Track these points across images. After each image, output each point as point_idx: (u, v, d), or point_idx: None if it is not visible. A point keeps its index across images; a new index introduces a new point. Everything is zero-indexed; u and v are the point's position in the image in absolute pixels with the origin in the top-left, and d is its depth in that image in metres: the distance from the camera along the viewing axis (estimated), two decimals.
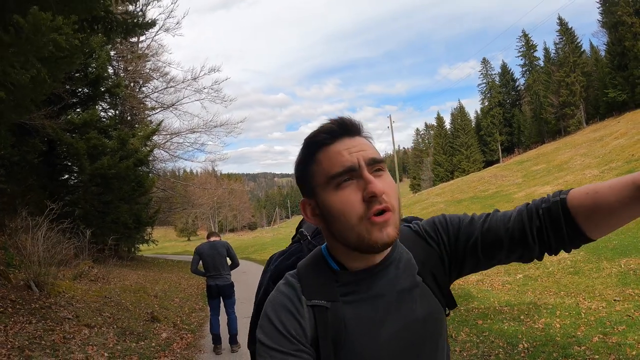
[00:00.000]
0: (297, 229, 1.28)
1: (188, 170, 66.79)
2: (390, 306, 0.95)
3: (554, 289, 8.48)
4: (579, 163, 29.44)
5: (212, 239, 6.55)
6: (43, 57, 4.99)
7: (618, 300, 6.84)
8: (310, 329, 0.91)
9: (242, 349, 6.13)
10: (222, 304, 6.35)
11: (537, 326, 6.16)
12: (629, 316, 5.88)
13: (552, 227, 0.90)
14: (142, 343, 5.87)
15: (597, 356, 4.65)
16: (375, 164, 0.90)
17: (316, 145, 0.93)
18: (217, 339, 6.14)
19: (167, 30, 19.24)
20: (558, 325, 6.05)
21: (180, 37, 20.03)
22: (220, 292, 6.28)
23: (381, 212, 0.86)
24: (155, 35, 19.40)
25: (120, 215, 14.10)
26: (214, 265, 6.25)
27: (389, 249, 0.96)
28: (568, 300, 7.40)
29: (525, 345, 5.30)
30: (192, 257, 6.52)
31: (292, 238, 1.29)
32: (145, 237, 20.61)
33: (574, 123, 52.46)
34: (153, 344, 5.95)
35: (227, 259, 6.44)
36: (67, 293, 6.83)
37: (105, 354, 4.92)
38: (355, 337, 0.92)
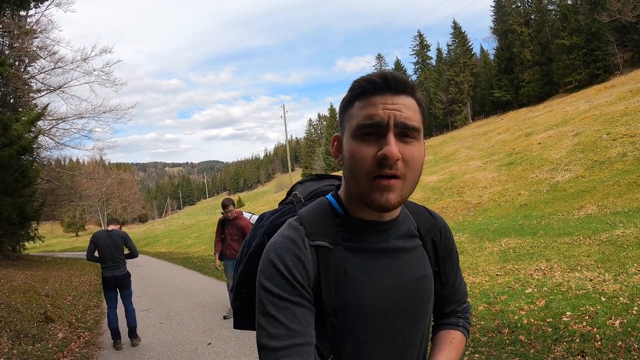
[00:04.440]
0: (289, 191, 1.27)
1: (75, 159, 62.00)
2: (390, 261, 0.99)
3: None
4: (464, 155, 31.80)
5: (111, 227, 6.25)
6: None
7: (500, 275, 7.66)
8: (313, 270, 0.92)
9: (142, 342, 6.02)
10: (119, 297, 6.12)
11: None
12: (510, 287, 6.64)
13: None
14: (39, 345, 5.53)
15: (482, 322, 5.20)
16: (406, 129, 0.89)
17: (358, 91, 0.93)
18: (116, 334, 5.90)
19: (58, 4, 17.58)
20: None
21: (72, 12, 18.32)
22: (117, 283, 6.02)
23: (388, 177, 0.88)
24: (45, 10, 17.65)
25: (3, 209, 12.79)
26: (110, 256, 5.99)
27: (398, 211, 1.01)
28: None
29: None
30: (80, 253, 6.19)
31: (281, 202, 1.26)
32: (31, 234, 18.87)
33: (460, 119, 57.66)
34: (50, 345, 5.62)
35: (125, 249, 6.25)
36: None
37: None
38: (355, 283, 0.94)
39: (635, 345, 3.83)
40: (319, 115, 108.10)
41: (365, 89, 0.91)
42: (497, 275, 7.73)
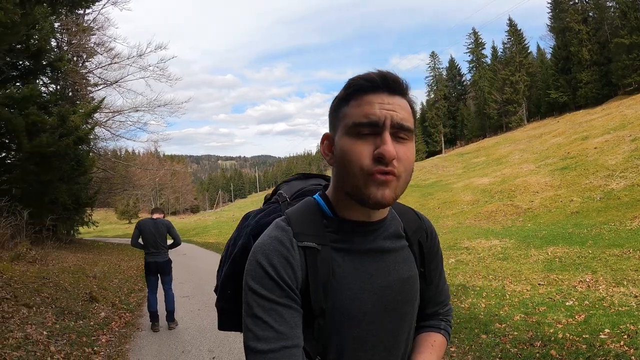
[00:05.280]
0: (275, 190, 1.27)
1: (130, 150, 64.75)
2: (377, 262, 0.99)
3: (483, 272, 9.03)
4: (517, 158, 30.88)
5: (155, 216, 6.55)
6: None
7: (542, 284, 7.39)
8: (301, 272, 0.92)
9: (179, 327, 6.27)
10: (159, 282, 6.41)
11: (463, 306, 6.60)
12: (551, 298, 6.42)
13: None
14: (81, 322, 5.84)
15: (516, 332, 5.04)
16: (401, 130, 0.90)
17: (354, 89, 0.93)
18: (154, 317, 6.19)
19: (115, 3, 18.57)
20: (483, 305, 6.50)
21: (128, 11, 19.18)
22: (158, 269, 6.32)
23: (384, 173, 0.88)
24: (102, 8, 18.66)
25: (59, 196, 13.52)
26: (154, 243, 6.28)
27: (386, 212, 1.02)
28: (495, 283, 7.92)
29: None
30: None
31: (266, 201, 1.27)
32: (85, 219, 19.91)
33: (515, 120, 55.56)
34: (92, 323, 5.93)
35: (168, 237, 6.51)
36: (4, 274, 6.64)
37: (44, 333, 4.90)
38: (343, 284, 0.94)
39: None
40: None
41: (363, 87, 0.92)
42: (539, 284, 7.47)
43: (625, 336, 4.55)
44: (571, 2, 50.30)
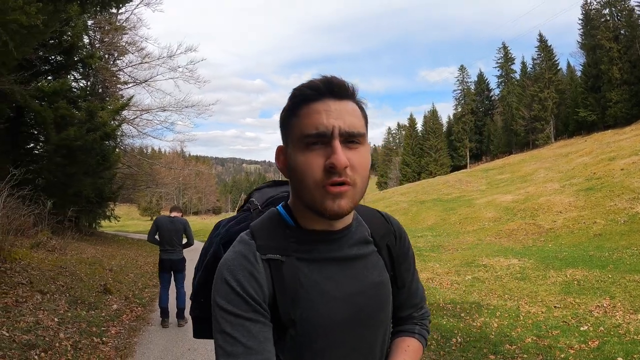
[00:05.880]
0: (247, 198, 1.26)
1: (156, 148, 65.76)
2: (345, 269, 0.98)
3: (499, 291, 8.84)
4: (542, 176, 30.24)
5: (173, 214, 6.66)
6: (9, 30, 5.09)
7: (558, 307, 7.18)
8: (267, 285, 0.92)
9: (189, 324, 6.25)
10: (172, 280, 6.50)
11: (475, 324, 6.48)
12: (565, 322, 6.25)
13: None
14: (93, 312, 5.96)
15: (525, 355, 4.93)
16: (351, 136, 0.89)
17: (299, 99, 0.92)
18: (165, 313, 6.28)
19: (147, 4, 19.04)
20: (496, 325, 6.37)
21: (160, 12, 19.61)
22: (172, 266, 6.41)
23: (339, 184, 0.87)
24: (135, 9, 19.13)
25: (82, 188, 13.84)
26: (170, 240, 6.37)
27: (350, 219, 1.01)
28: (510, 303, 7.74)
29: (459, 340, 5.61)
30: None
31: (240, 207, 1.27)
32: (107, 213, 20.31)
33: (542, 137, 54.40)
34: (103, 314, 6.05)
35: (184, 236, 6.58)
36: (23, 260, 6.83)
37: (55, 319, 5.01)
38: (311, 294, 0.94)
39: None
40: (398, 124, 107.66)
41: (307, 97, 0.90)
42: (555, 307, 7.26)
43: None
44: (602, 20, 48.90)
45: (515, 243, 16.78)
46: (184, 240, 6.63)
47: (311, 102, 0.90)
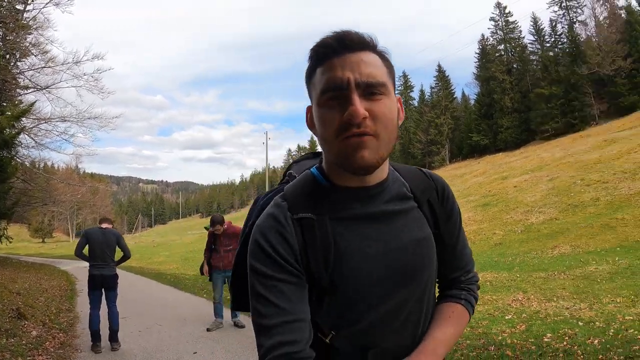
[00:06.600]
0: (286, 172, 1.22)
1: (49, 164, 60.19)
2: (383, 226, 0.95)
3: None
4: None
5: (104, 225, 6.09)
6: None
7: (478, 304, 7.79)
8: (298, 244, 0.91)
9: (122, 348, 5.78)
10: (103, 298, 5.91)
11: None
12: (490, 314, 6.77)
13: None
14: (12, 340, 5.36)
15: (468, 341, 5.21)
16: (370, 86, 0.86)
17: (315, 58, 0.91)
18: (96, 336, 5.69)
19: (57, 4, 17.62)
20: None
21: (69, 14, 18.20)
22: (104, 283, 5.84)
23: (358, 135, 0.85)
24: (43, 7, 17.61)
25: None
26: (101, 254, 5.83)
27: (384, 174, 0.97)
28: None
29: None
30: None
31: (280, 182, 1.22)
32: (0, 233, 18.25)
33: (438, 159, 59.27)
34: (24, 342, 5.45)
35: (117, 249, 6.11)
36: None
37: None
38: (347, 253, 0.91)
39: (616, 358, 4.05)
40: (298, 146, 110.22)
41: (323, 54, 0.89)
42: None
43: (567, 338, 4.94)
44: (497, 54, 54.86)
45: None
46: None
47: (327, 59, 0.89)
